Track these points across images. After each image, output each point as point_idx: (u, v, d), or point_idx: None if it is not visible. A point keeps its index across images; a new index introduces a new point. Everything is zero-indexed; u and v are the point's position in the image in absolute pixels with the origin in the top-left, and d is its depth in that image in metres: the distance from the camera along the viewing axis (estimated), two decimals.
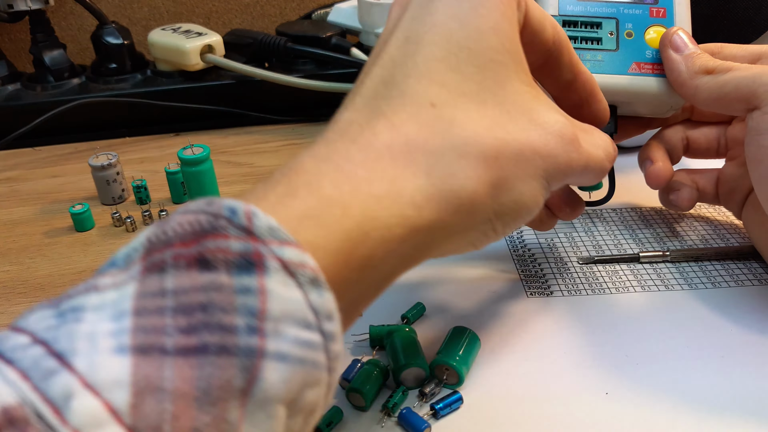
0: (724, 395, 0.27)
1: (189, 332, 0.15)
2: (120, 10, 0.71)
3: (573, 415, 0.26)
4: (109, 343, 0.14)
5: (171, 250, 0.16)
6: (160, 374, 0.14)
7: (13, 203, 0.48)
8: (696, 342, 0.30)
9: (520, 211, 0.23)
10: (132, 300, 0.15)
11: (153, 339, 0.15)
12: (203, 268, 0.16)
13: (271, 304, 0.16)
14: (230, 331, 0.15)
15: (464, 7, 0.22)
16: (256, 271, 0.16)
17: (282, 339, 0.16)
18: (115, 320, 0.15)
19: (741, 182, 0.36)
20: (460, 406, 0.27)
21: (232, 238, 0.16)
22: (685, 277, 0.35)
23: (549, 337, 0.31)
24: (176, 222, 0.17)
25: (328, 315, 0.17)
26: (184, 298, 0.15)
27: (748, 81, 0.29)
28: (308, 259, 0.17)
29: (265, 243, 0.16)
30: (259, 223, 0.16)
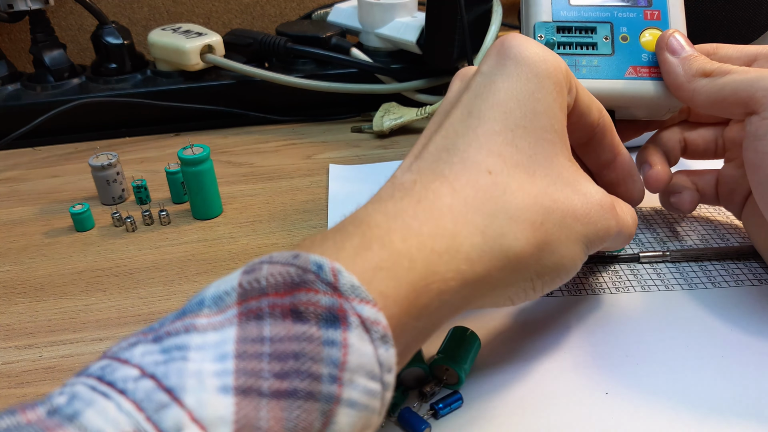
0: (723, 395, 0.27)
1: (282, 377, 0.17)
2: (120, 10, 0.71)
3: (573, 414, 0.26)
4: (215, 383, 0.16)
5: (267, 299, 0.18)
6: (257, 414, 0.16)
7: (13, 203, 0.48)
8: (696, 342, 0.30)
9: (559, 271, 0.25)
10: (234, 344, 0.17)
11: (252, 381, 0.16)
12: (296, 319, 0.18)
13: (351, 356, 0.18)
14: (317, 378, 0.17)
15: (523, 91, 0.25)
16: (341, 326, 0.18)
17: (354, 388, 0.18)
18: (219, 361, 0.17)
19: (740, 183, 0.35)
20: (460, 406, 0.27)
21: (321, 293, 0.18)
22: (685, 277, 0.35)
23: (549, 337, 0.31)
24: (267, 272, 0.19)
25: (389, 368, 0.19)
26: (279, 345, 0.17)
27: (746, 85, 0.29)
28: (381, 317, 0.19)
29: (348, 300, 0.18)
30: (344, 281, 0.19)
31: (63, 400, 0.16)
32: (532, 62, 0.25)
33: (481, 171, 0.23)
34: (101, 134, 0.59)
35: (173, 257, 0.40)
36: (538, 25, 0.32)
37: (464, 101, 0.25)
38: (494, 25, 0.54)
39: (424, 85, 0.58)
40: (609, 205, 0.26)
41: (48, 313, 0.35)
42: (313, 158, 0.53)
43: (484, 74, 0.26)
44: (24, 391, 0.30)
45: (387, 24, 0.58)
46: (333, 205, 0.44)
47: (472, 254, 0.21)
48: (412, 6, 0.59)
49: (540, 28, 0.32)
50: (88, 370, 0.17)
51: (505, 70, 0.25)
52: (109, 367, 0.17)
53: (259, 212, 0.45)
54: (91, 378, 0.16)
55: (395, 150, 0.53)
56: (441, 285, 0.21)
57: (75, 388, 0.16)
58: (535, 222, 0.23)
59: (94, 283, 0.38)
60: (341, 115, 0.61)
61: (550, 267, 0.24)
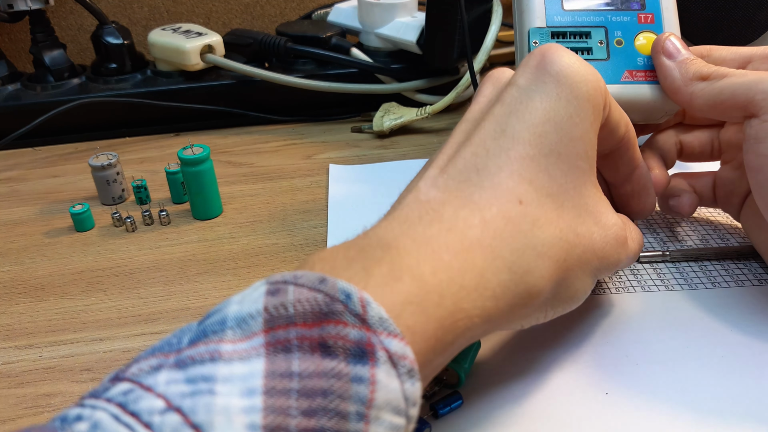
0: (724, 395, 0.27)
1: (310, 415, 0.16)
2: (120, 10, 0.71)
3: (573, 414, 0.26)
4: (243, 420, 0.16)
5: (294, 330, 0.18)
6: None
7: (13, 203, 0.48)
8: (696, 342, 0.30)
9: (570, 302, 0.26)
10: (262, 378, 0.17)
11: (280, 420, 0.16)
12: (325, 353, 0.17)
13: (378, 393, 0.17)
14: (344, 417, 0.17)
15: (561, 113, 0.24)
16: (369, 362, 0.17)
17: (380, 425, 0.18)
18: (247, 396, 0.16)
19: (738, 185, 0.35)
20: (459, 405, 0.27)
21: (350, 325, 0.18)
22: (685, 277, 0.35)
23: (549, 336, 0.31)
24: (295, 298, 0.18)
25: (414, 402, 0.18)
26: (308, 382, 0.17)
27: (744, 88, 0.29)
28: (409, 351, 0.18)
29: (376, 333, 0.18)
30: (372, 313, 0.18)
31: (84, 428, 0.15)
32: (573, 82, 0.24)
33: (513, 200, 0.23)
34: (101, 134, 0.59)
35: (173, 257, 0.40)
36: (533, 31, 0.32)
37: (497, 115, 0.24)
38: (494, 25, 0.54)
39: (424, 85, 0.58)
40: (623, 239, 0.26)
41: (48, 313, 0.35)
42: (313, 158, 0.53)
43: (521, 89, 0.24)
44: (24, 391, 0.30)
45: (387, 24, 0.58)
46: (333, 205, 0.44)
47: (497, 291, 0.21)
48: (412, 6, 0.59)
49: (534, 33, 0.32)
50: (109, 392, 0.16)
51: (544, 87, 0.24)
52: (132, 394, 0.16)
53: (259, 212, 0.45)
54: (112, 404, 0.16)
55: (395, 150, 0.53)
56: (467, 322, 0.20)
57: (96, 415, 0.16)
58: (559, 259, 0.23)
59: (94, 283, 0.38)
60: (341, 115, 0.61)
61: (563, 299, 0.25)
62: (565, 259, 0.23)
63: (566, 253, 0.23)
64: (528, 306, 0.23)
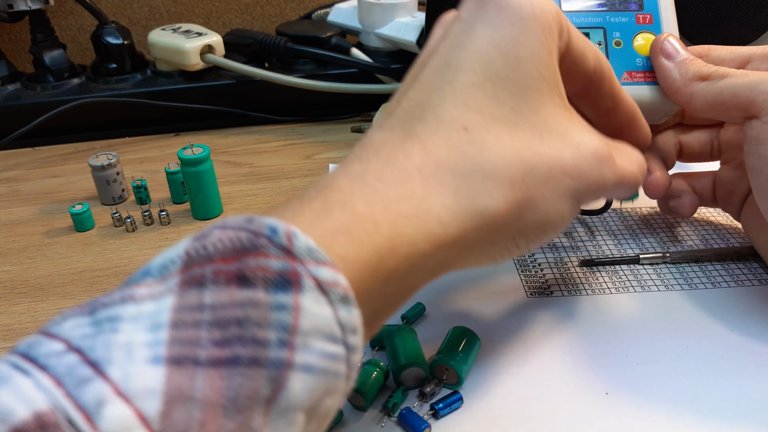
0: (723, 395, 0.27)
1: (222, 345, 0.16)
2: (120, 10, 0.71)
3: (573, 415, 0.26)
4: (145, 354, 0.15)
5: (211, 266, 0.17)
6: (191, 384, 0.15)
7: (13, 203, 0.48)
8: (696, 342, 0.30)
9: (545, 228, 0.24)
10: (170, 313, 0.16)
11: (187, 351, 0.15)
12: (242, 284, 0.16)
13: (303, 320, 0.17)
14: (262, 344, 0.16)
15: (505, 37, 0.23)
16: (292, 289, 0.17)
17: (309, 352, 0.17)
18: (152, 332, 0.16)
19: (738, 185, 0.35)
20: (460, 406, 0.27)
21: (272, 257, 0.17)
22: (685, 277, 0.35)
23: (549, 337, 0.31)
24: (216, 238, 0.17)
25: (353, 329, 0.18)
26: (221, 312, 0.16)
27: (745, 89, 0.28)
28: (341, 278, 0.18)
29: (303, 263, 0.17)
30: (299, 244, 0.17)
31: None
32: (515, 4, 0.23)
33: (456, 128, 0.22)
34: (101, 134, 0.59)
35: None
36: None
37: (441, 50, 0.23)
38: None
39: None
40: (605, 155, 0.24)
41: (48, 313, 0.35)
42: (313, 158, 0.53)
43: (464, 20, 0.24)
44: None
45: (387, 24, 0.58)
46: None
47: (443, 216, 0.20)
48: (412, 6, 0.59)
49: None
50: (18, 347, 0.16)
51: (486, 15, 0.23)
52: (36, 343, 0.16)
53: (259, 212, 0.44)
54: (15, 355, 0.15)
55: None
56: (410, 249, 0.20)
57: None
58: (515, 179, 0.22)
59: (94, 284, 0.38)
60: (341, 115, 0.61)
61: (533, 225, 0.23)
62: (523, 179, 0.22)
63: (524, 173, 0.22)
64: (487, 231, 0.22)
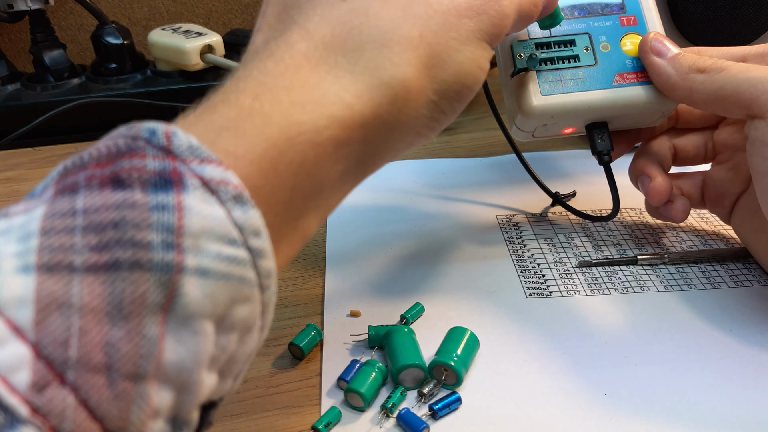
0: (723, 396, 0.27)
1: (100, 249, 0.15)
2: (120, 10, 0.71)
3: (572, 415, 0.26)
4: (13, 264, 0.14)
5: (84, 172, 0.16)
6: (67, 291, 0.14)
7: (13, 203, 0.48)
8: (695, 343, 0.30)
9: (463, 82, 0.22)
10: (40, 221, 0.15)
11: (60, 257, 0.15)
12: (117, 187, 0.15)
13: (189, 220, 0.15)
14: (143, 246, 0.15)
15: None
16: (174, 189, 0.16)
17: (202, 255, 0.16)
18: (21, 242, 0.15)
19: (730, 186, 0.35)
20: (458, 406, 0.27)
21: (149, 157, 0.16)
22: (685, 277, 0.35)
23: (548, 337, 0.31)
24: (94, 147, 0.17)
25: (254, 231, 0.17)
26: (95, 216, 0.15)
27: (749, 86, 0.28)
28: (231, 176, 0.16)
29: (185, 162, 0.16)
30: (179, 143, 0.16)
31: None
32: None
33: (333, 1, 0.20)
34: (101, 134, 0.58)
35: None
36: (516, 45, 0.31)
37: None
38: None
39: None
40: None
41: None
42: None
43: None
44: None
45: None
46: None
47: (345, 97, 0.19)
48: None
49: (517, 47, 0.31)
50: None
51: None
52: None
53: None
54: None
55: None
56: (313, 136, 0.18)
57: None
58: (412, 38, 0.20)
59: None
60: None
61: (450, 80, 0.22)
62: (421, 35, 0.20)
63: (419, 29, 0.21)
64: (402, 102, 0.20)
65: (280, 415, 0.27)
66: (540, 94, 0.32)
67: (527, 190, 0.44)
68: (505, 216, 0.42)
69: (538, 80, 0.32)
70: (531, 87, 0.32)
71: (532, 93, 0.32)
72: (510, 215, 0.42)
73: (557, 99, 0.31)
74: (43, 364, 0.14)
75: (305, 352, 0.30)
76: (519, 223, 0.41)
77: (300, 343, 0.30)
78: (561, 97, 0.32)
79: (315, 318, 0.33)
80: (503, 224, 0.41)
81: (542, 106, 0.31)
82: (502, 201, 0.43)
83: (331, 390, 0.28)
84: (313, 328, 0.31)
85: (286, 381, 0.29)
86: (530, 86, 0.32)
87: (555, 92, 0.32)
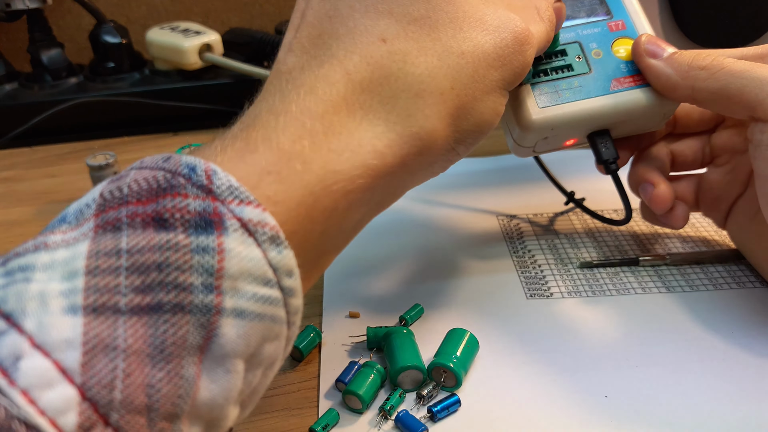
0: (724, 398, 0.27)
1: (143, 291, 0.15)
2: (118, 9, 0.71)
3: (572, 418, 0.26)
4: (61, 304, 0.14)
5: (126, 208, 0.16)
6: (112, 333, 0.14)
7: (11, 203, 0.47)
8: (696, 344, 0.30)
9: (481, 129, 0.23)
10: (85, 259, 0.15)
11: (106, 298, 0.15)
12: (160, 227, 0.16)
13: (228, 262, 0.16)
14: (185, 289, 0.15)
15: None
16: (215, 231, 0.16)
17: (240, 296, 0.16)
18: (67, 280, 0.15)
19: (726, 190, 0.34)
20: (457, 409, 0.27)
21: (191, 197, 0.16)
22: (687, 278, 0.35)
23: (548, 339, 0.31)
24: (131, 178, 0.17)
25: (288, 272, 0.17)
26: (139, 257, 0.15)
27: (754, 86, 0.27)
28: (268, 217, 0.17)
29: (225, 202, 0.16)
30: (219, 182, 0.16)
31: None
32: None
33: (374, 40, 0.20)
34: (99, 134, 0.59)
35: None
36: None
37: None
38: None
39: None
40: (523, 35, 0.23)
41: None
42: None
43: None
44: None
45: None
46: None
47: (378, 146, 0.20)
48: None
49: None
50: None
51: None
52: None
53: None
54: None
55: None
56: (346, 185, 0.19)
57: None
58: (444, 90, 0.21)
59: None
60: None
61: (470, 129, 0.22)
62: (452, 87, 0.21)
63: (452, 80, 0.21)
64: (427, 152, 0.21)
65: (278, 417, 0.27)
66: (537, 106, 0.31)
67: (527, 190, 0.44)
68: (506, 216, 0.41)
69: (534, 93, 0.31)
70: (527, 101, 0.31)
71: (530, 107, 0.31)
72: (511, 216, 0.42)
73: (556, 110, 0.31)
74: (89, 405, 0.14)
75: (304, 354, 0.30)
76: (520, 223, 0.41)
77: (299, 345, 0.30)
78: (560, 108, 0.31)
79: (314, 319, 0.33)
80: (504, 225, 0.41)
81: (541, 119, 0.30)
82: (503, 201, 0.43)
83: (330, 392, 0.28)
84: (312, 330, 0.30)
85: (285, 383, 0.29)
86: (527, 100, 0.31)
87: (553, 103, 0.31)
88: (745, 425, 0.26)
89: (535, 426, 0.26)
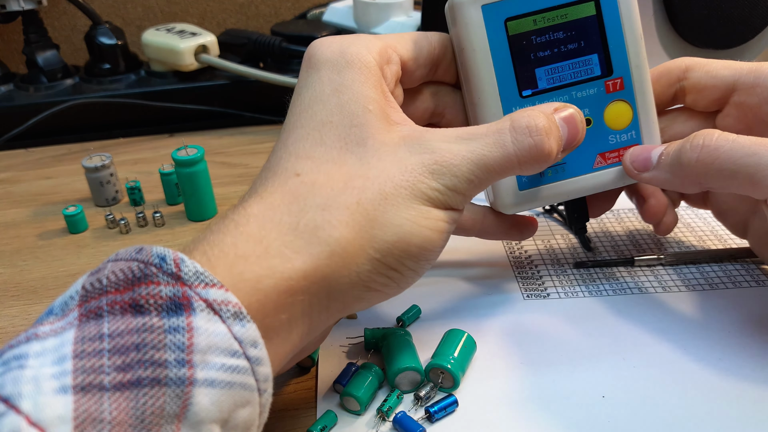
0: (721, 397, 0.27)
1: (124, 369, 0.17)
2: (114, 10, 0.71)
3: (569, 418, 0.26)
4: (52, 385, 0.16)
5: (106, 297, 0.18)
6: (99, 407, 0.17)
7: (6, 205, 0.47)
8: (693, 344, 0.30)
9: (408, 240, 0.24)
10: (72, 345, 0.17)
11: (92, 378, 0.17)
12: (137, 312, 0.18)
13: (198, 338, 0.18)
14: (161, 365, 0.17)
15: (325, 92, 0.25)
16: (184, 312, 0.18)
17: (210, 367, 0.18)
18: (57, 364, 0.17)
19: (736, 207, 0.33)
20: (455, 409, 0.27)
21: (163, 284, 0.18)
22: (683, 278, 0.35)
23: (545, 339, 0.31)
24: (109, 270, 0.19)
25: (252, 342, 0.19)
26: (119, 340, 0.18)
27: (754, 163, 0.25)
28: (230, 296, 0.19)
29: (192, 287, 0.19)
30: (186, 269, 0.19)
31: None
32: (331, 62, 0.26)
33: (289, 176, 0.24)
34: (95, 135, 0.59)
35: None
36: None
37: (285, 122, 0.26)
38: None
39: None
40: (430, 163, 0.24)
41: None
42: None
43: (297, 89, 0.27)
44: None
45: (382, 23, 0.58)
46: None
47: (286, 252, 0.22)
48: (407, 5, 0.59)
49: None
50: None
51: (307, 80, 0.26)
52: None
53: None
54: None
55: None
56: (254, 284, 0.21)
57: None
58: (350, 204, 0.23)
59: None
60: None
61: (392, 240, 0.23)
62: (358, 202, 0.23)
63: (357, 197, 0.23)
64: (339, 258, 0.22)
65: (276, 419, 0.27)
66: (518, 189, 0.29)
67: None
68: None
69: None
70: (507, 182, 0.29)
71: (510, 190, 0.29)
72: None
73: (535, 193, 0.29)
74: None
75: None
76: None
77: None
78: (539, 191, 0.29)
79: None
80: None
81: (520, 204, 0.29)
82: None
83: (327, 393, 0.28)
84: None
85: (283, 385, 0.29)
86: (506, 181, 0.29)
87: (533, 185, 0.29)
88: (743, 425, 0.26)
89: (533, 426, 0.26)
